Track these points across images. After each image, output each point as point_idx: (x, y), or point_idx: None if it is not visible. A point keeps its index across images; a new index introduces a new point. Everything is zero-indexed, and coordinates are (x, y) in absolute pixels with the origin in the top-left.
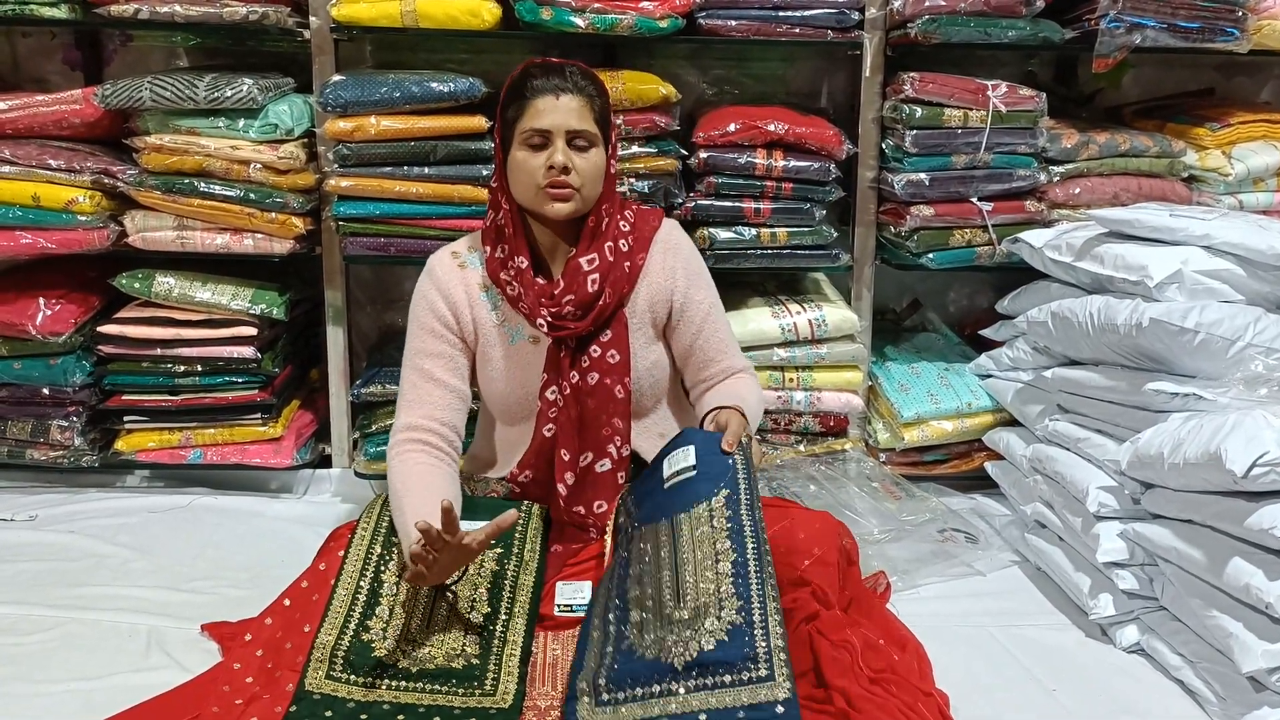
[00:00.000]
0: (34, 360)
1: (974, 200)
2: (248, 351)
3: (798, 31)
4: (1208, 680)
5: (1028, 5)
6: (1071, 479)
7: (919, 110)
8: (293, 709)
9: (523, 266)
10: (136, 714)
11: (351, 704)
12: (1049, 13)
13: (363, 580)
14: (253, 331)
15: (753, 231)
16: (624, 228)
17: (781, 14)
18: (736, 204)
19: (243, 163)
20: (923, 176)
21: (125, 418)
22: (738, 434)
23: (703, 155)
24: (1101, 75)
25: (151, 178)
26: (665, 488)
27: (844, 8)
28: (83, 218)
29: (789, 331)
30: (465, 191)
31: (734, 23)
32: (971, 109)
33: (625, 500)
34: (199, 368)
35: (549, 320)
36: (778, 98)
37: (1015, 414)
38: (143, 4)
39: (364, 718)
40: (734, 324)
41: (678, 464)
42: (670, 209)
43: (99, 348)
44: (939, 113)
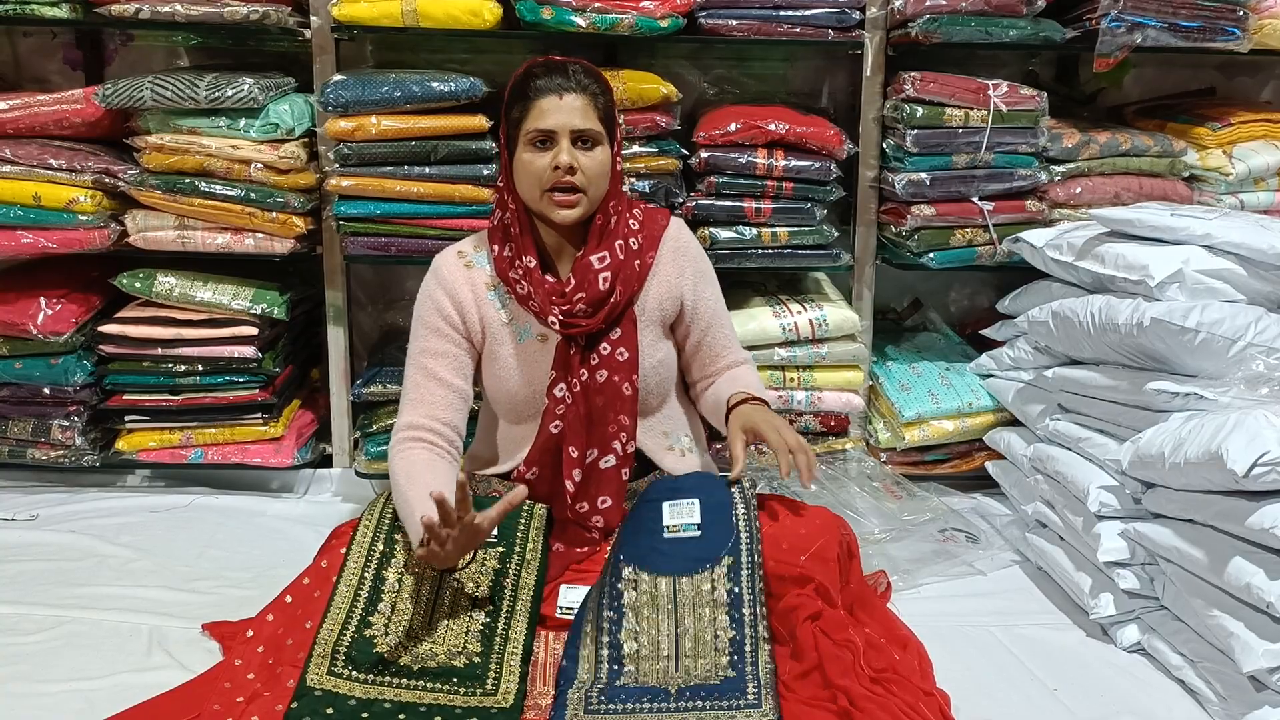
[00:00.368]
0: (35, 360)
1: (975, 200)
2: (248, 351)
3: (798, 31)
4: (1208, 680)
5: (1029, 5)
6: (1072, 478)
7: (920, 110)
8: (294, 705)
9: (531, 265)
10: (138, 713)
11: (353, 701)
12: (1050, 12)
13: (365, 577)
14: (253, 331)
15: (753, 231)
16: (633, 226)
17: (782, 13)
18: (737, 203)
19: (244, 162)
20: (924, 176)
21: (126, 417)
22: (782, 445)
23: (703, 155)
24: (1102, 75)
25: (152, 177)
26: (666, 536)
27: (845, 7)
28: (84, 217)
29: (790, 331)
30: (466, 191)
31: (735, 22)
32: (972, 108)
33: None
34: (200, 367)
35: (560, 318)
36: (778, 97)
37: (1016, 414)
38: (143, 4)
39: (365, 715)
40: (735, 324)
41: (680, 517)
42: (671, 209)
43: (100, 347)
44: (940, 112)
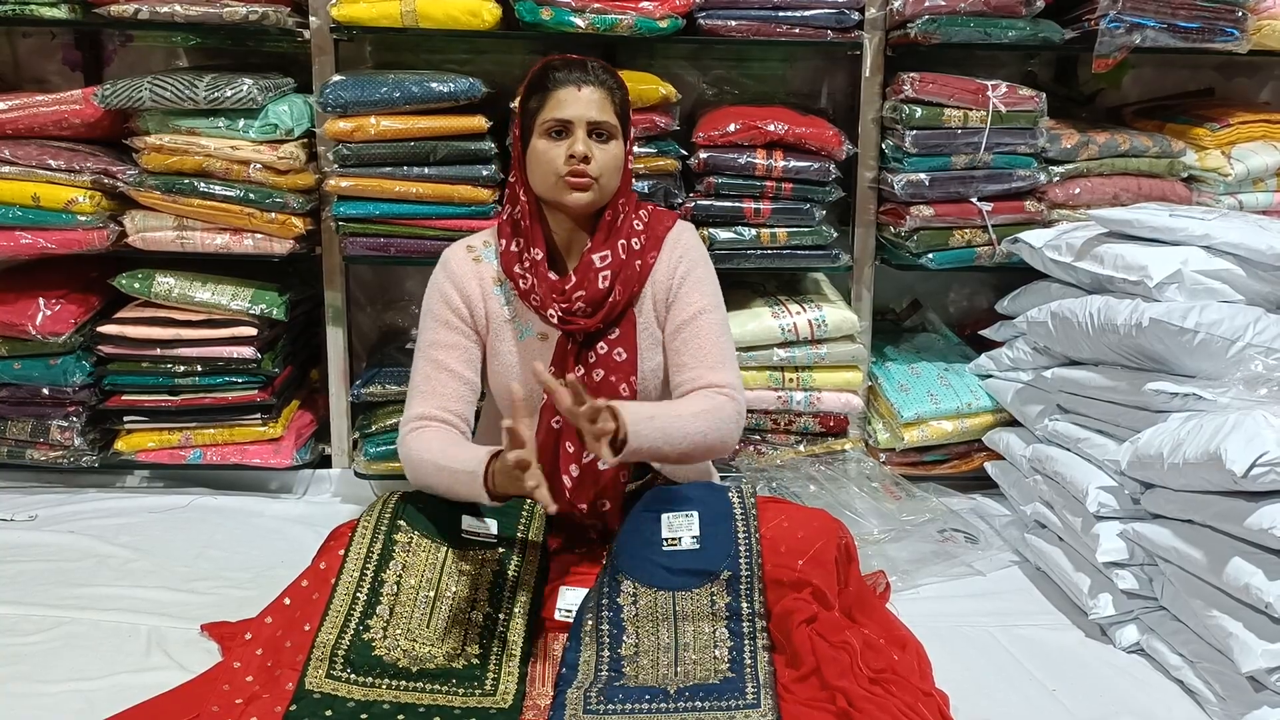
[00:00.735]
0: (34, 360)
1: (974, 200)
2: (248, 352)
3: (798, 32)
4: (1207, 680)
5: (1027, 5)
6: (1071, 479)
7: (919, 110)
8: (292, 708)
9: (538, 259)
10: (137, 714)
11: (351, 703)
12: (1049, 13)
13: (363, 579)
14: (253, 332)
15: (753, 232)
16: (638, 226)
17: (781, 14)
18: (736, 204)
19: (243, 163)
20: (922, 177)
21: (125, 418)
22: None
23: (703, 155)
24: (1101, 75)
25: (151, 178)
26: (665, 549)
27: (844, 8)
28: (83, 218)
29: (789, 332)
30: (465, 192)
31: (734, 23)
32: (971, 109)
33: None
34: (199, 368)
35: (560, 315)
36: (778, 98)
37: (1015, 414)
38: (143, 4)
39: (364, 717)
40: (734, 324)
41: (679, 530)
42: (670, 209)
43: (99, 348)
44: (939, 113)
